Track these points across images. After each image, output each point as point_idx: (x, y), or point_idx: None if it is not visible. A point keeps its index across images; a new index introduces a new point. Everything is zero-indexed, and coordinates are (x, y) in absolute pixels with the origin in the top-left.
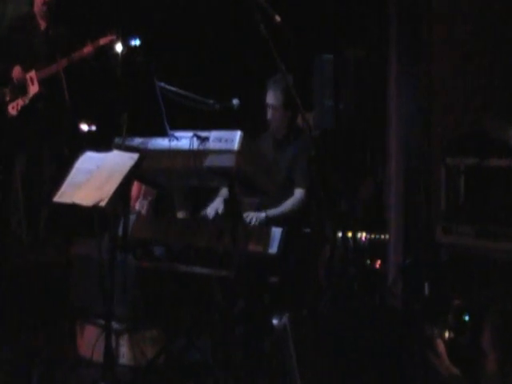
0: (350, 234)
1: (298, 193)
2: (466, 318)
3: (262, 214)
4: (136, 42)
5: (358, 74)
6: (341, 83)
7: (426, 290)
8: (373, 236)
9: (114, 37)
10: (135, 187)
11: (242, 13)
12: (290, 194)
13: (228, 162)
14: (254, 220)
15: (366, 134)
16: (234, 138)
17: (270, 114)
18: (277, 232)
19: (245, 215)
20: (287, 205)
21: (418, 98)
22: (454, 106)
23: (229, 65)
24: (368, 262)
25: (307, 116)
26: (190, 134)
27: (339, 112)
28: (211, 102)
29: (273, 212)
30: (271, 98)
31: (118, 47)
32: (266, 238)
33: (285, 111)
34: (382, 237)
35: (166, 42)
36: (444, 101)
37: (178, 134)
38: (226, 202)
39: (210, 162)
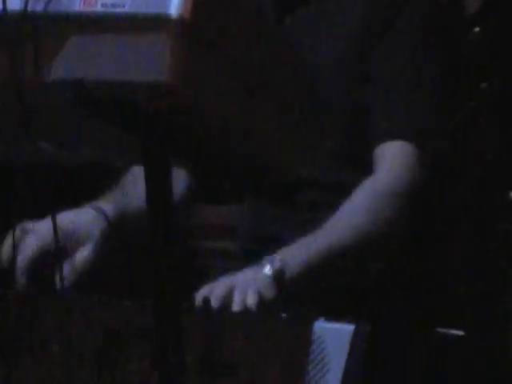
0: None
1: (397, 156)
2: None
3: (266, 270)
4: None
5: None
6: None
7: None
8: None
9: None
10: None
11: None
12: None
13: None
14: (238, 301)
15: None
16: None
17: None
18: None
19: (216, 282)
20: (349, 214)
21: None
22: None
23: None
24: None
25: None
26: None
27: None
28: None
29: (300, 252)
30: None
31: None
32: None
33: None
34: None
35: None
36: None
37: None
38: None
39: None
